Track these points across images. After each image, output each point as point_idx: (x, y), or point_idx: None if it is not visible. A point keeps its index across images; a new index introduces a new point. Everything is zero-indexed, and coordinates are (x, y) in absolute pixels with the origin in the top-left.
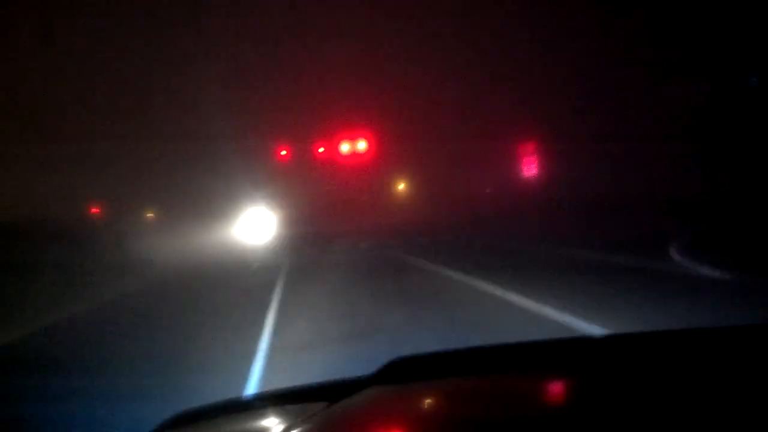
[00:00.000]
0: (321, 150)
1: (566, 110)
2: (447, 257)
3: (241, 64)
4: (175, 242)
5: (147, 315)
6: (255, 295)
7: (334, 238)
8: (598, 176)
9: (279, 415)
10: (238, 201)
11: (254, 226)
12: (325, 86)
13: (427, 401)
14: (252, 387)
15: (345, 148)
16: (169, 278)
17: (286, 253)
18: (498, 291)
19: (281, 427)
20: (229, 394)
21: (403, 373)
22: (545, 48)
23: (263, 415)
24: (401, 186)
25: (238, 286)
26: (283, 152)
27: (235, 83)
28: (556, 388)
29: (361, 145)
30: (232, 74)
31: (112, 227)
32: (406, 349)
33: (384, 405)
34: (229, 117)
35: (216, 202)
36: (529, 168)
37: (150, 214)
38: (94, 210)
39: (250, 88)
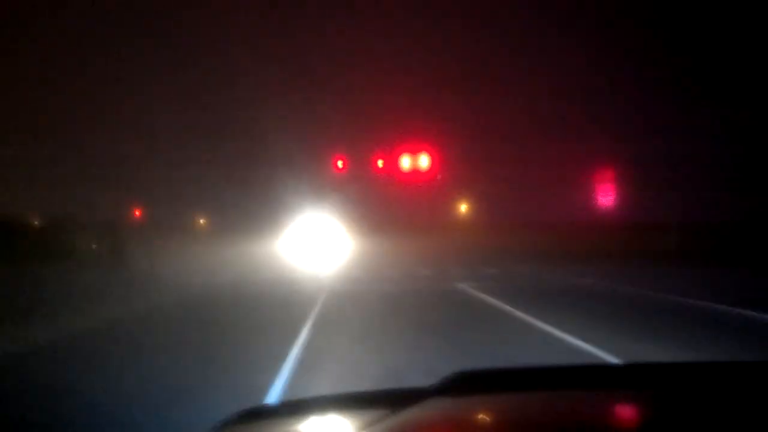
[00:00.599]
0: (380, 164)
1: (646, 135)
2: (548, 307)
3: (300, 70)
4: (217, 252)
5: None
6: (276, 336)
7: (392, 263)
8: (685, 204)
9: (341, 419)
10: (291, 213)
11: (303, 241)
12: (391, 98)
13: (489, 414)
14: None
15: (406, 164)
16: (175, 305)
17: (331, 275)
18: None
19: (345, 431)
20: None
21: (463, 386)
22: (623, 70)
23: (326, 418)
24: (465, 208)
25: (259, 322)
26: (340, 163)
27: (293, 89)
28: (612, 408)
29: (424, 162)
30: (290, 80)
31: (146, 234)
32: None
33: (448, 415)
34: (287, 126)
35: (269, 213)
36: (606, 196)
37: (202, 221)
38: (136, 213)
39: (310, 94)
